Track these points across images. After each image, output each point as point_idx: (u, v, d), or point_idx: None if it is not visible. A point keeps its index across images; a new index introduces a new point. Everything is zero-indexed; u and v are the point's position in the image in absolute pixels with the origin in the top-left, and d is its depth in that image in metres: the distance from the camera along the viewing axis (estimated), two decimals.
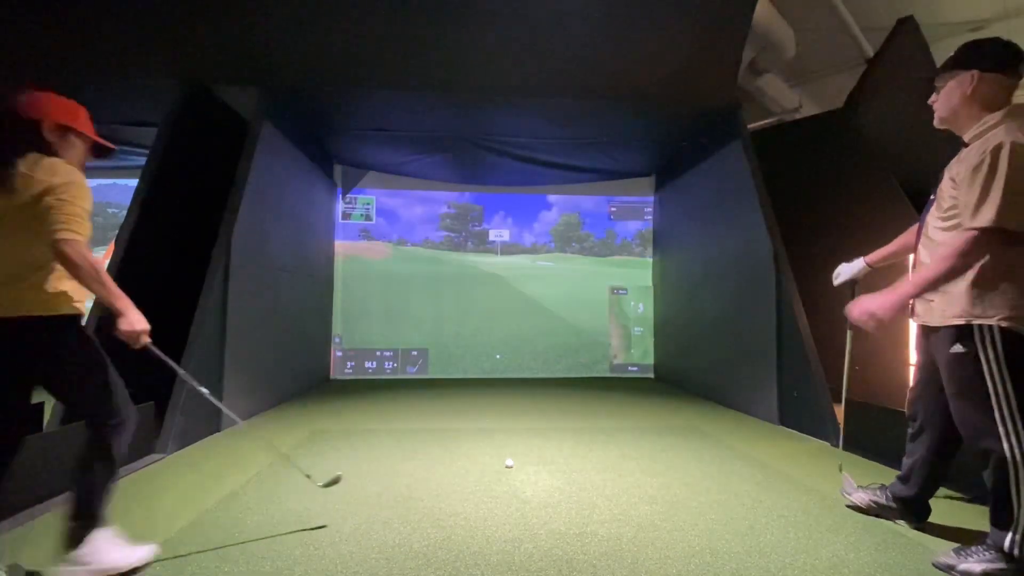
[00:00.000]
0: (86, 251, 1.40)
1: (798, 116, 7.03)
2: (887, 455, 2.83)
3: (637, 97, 4.39)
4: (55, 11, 3.73)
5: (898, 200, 4.26)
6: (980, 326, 1.54)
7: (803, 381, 3.48)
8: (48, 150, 1.45)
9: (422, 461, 2.80)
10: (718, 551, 1.75)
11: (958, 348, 1.59)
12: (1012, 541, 1.52)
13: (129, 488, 2.35)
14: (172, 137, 3.72)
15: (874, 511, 2.04)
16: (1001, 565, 1.53)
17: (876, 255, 2.03)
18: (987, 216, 1.46)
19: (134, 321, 1.57)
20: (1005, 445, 1.52)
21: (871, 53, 5.75)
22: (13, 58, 3.86)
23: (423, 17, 3.90)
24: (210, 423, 3.35)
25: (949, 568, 1.61)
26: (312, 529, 1.91)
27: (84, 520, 1.49)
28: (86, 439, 1.52)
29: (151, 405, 2.88)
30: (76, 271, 1.40)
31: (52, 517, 2.01)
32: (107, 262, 3.33)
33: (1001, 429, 1.53)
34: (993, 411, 1.53)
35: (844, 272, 1.96)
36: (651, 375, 6.67)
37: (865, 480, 2.25)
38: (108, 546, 1.52)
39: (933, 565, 1.65)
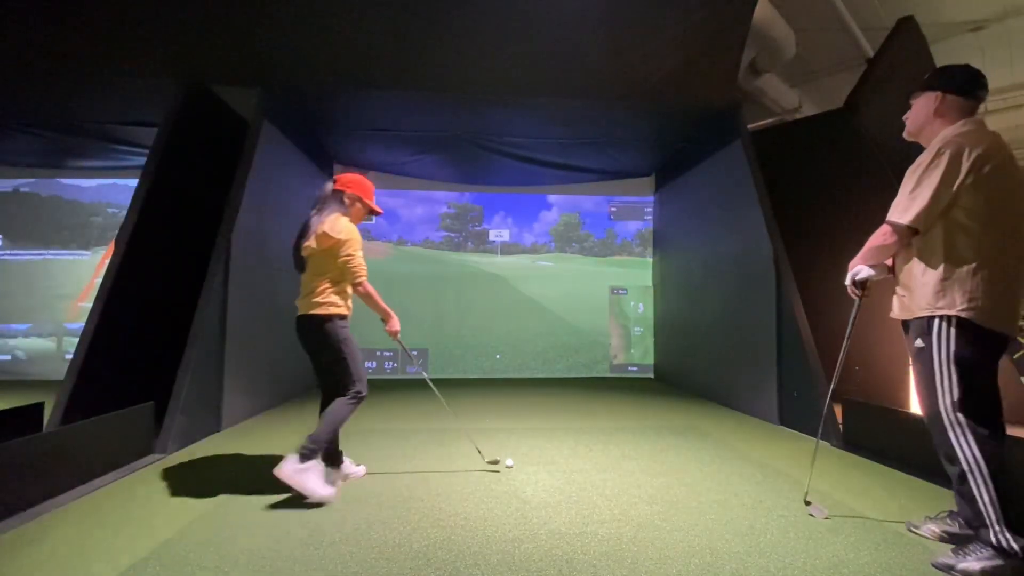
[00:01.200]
0: (369, 286, 2.34)
1: (798, 116, 7.04)
2: (887, 455, 2.83)
3: (637, 97, 4.39)
4: (55, 11, 3.73)
5: None
6: (940, 317, 1.63)
7: (803, 381, 3.48)
8: (343, 210, 2.35)
9: (422, 461, 2.80)
10: (718, 551, 1.75)
11: (919, 343, 1.69)
12: (994, 534, 1.55)
13: (129, 488, 2.35)
14: (172, 137, 3.72)
15: (950, 541, 1.81)
16: (999, 562, 1.54)
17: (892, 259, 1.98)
18: (897, 212, 1.72)
19: (395, 324, 2.49)
20: (951, 437, 1.60)
21: (871, 53, 5.74)
22: (14, 58, 3.86)
23: (423, 17, 3.90)
24: (210, 423, 3.35)
25: (948, 568, 1.61)
26: (488, 465, 2.63)
27: (314, 447, 2.14)
28: (338, 398, 2.29)
29: (151, 405, 2.89)
30: (364, 298, 2.37)
31: (52, 517, 2.02)
32: (107, 262, 3.33)
33: (945, 420, 1.61)
34: (938, 400, 1.63)
35: (864, 270, 1.90)
36: (651, 375, 6.67)
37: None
38: (314, 476, 2.13)
39: (933, 566, 1.65)
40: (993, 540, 1.54)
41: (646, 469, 2.67)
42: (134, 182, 3.63)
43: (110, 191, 6.34)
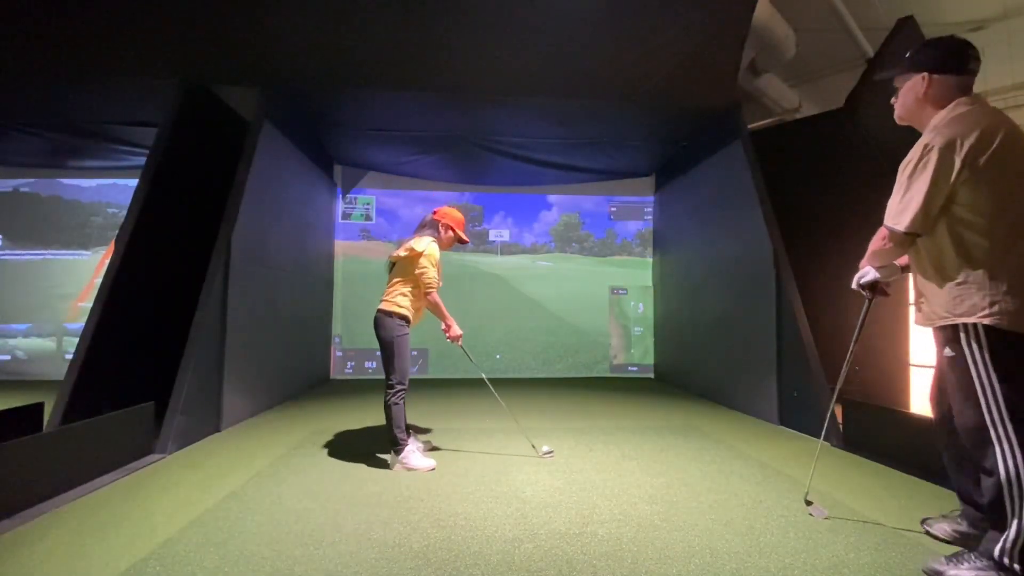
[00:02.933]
0: (436, 297, 2.70)
1: (798, 116, 7.03)
2: (887, 455, 2.83)
3: (637, 97, 4.38)
4: (56, 11, 3.73)
5: None
6: (964, 325, 1.51)
7: (803, 381, 3.48)
8: (436, 235, 2.78)
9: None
10: (718, 551, 1.75)
11: (948, 352, 1.57)
12: (1002, 549, 1.47)
13: (129, 488, 2.35)
14: (172, 137, 3.72)
15: (960, 541, 1.78)
16: (992, 574, 1.49)
17: (906, 258, 1.87)
18: (891, 216, 1.60)
19: (456, 330, 2.78)
20: (997, 450, 1.47)
21: (871, 53, 5.75)
22: (14, 58, 3.86)
23: (423, 17, 3.90)
24: (210, 423, 3.35)
25: (937, 575, 1.57)
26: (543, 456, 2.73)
27: (396, 441, 2.61)
28: (385, 399, 2.65)
29: (151, 405, 2.89)
30: (430, 306, 2.75)
31: (52, 517, 2.02)
32: (107, 262, 3.33)
33: (992, 433, 1.49)
34: (983, 413, 1.50)
35: (871, 273, 1.85)
36: (651, 375, 6.66)
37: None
38: (414, 457, 2.62)
39: (923, 572, 1.62)
40: (997, 554, 1.48)
41: (646, 469, 2.67)
42: (134, 182, 3.63)
43: (110, 191, 6.34)
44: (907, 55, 1.68)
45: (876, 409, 3.08)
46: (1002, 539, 1.48)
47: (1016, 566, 1.45)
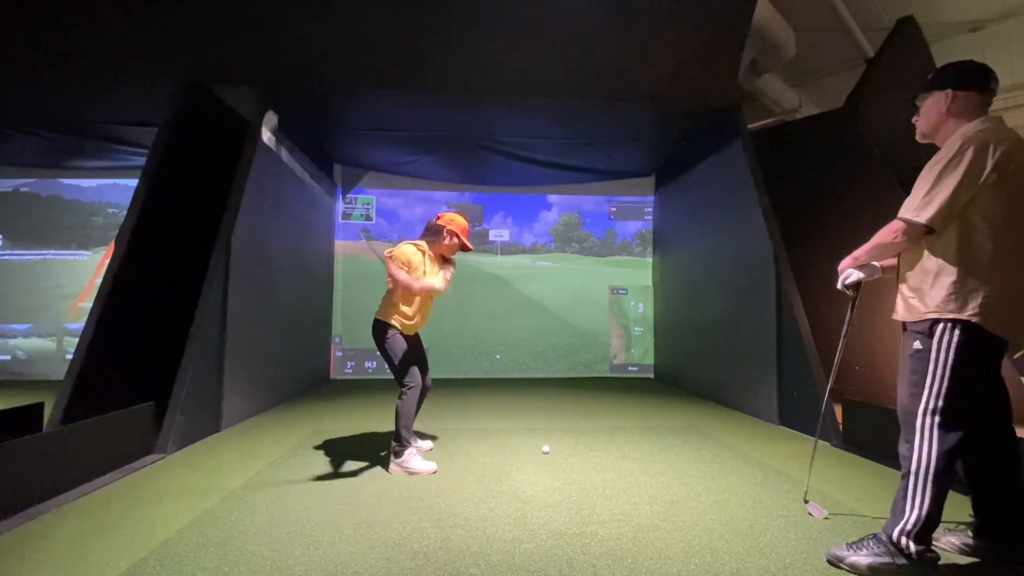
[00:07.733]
0: (414, 286, 2.58)
1: (798, 116, 7.04)
2: (887, 455, 2.83)
3: (637, 97, 4.38)
4: (56, 11, 3.73)
5: (898, 201, 4.16)
6: (950, 320, 1.54)
7: (803, 381, 3.48)
8: (438, 239, 2.73)
9: None
10: (718, 551, 1.75)
11: (918, 346, 1.61)
12: (900, 531, 1.54)
13: (129, 488, 2.35)
14: (172, 137, 3.72)
15: (968, 554, 1.74)
16: (888, 560, 1.55)
17: (891, 260, 1.88)
18: (911, 210, 1.60)
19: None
20: (916, 439, 1.56)
21: (871, 53, 5.75)
22: (15, 58, 3.85)
23: (423, 18, 3.90)
24: (210, 423, 3.35)
25: (838, 560, 1.63)
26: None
27: (398, 441, 2.56)
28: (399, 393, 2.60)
29: (151, 405, 2.89)
30: (397, 286, 2.63)
31: (52, 517, 2.02)
32: (107, 262, 3.33)
33: (918, 422, 1.57)
34: (920, 401, 1.57)
35: (855, 274, 1.86)
36: (651, 375, 6.66)
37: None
38: (414, 461, 2.57)
39: (826, 558, 1.67)
40: (895, 538, 1.55)
41: (646, 469, 2.67)
42: (134, 182, 3.63)
43: (110, 191, 6.34)
44: (929, 77, 1.74)
45: (876, 409, 3.07)
46: (901, 523, 1.55)
47: (912, 546, 1.53)
